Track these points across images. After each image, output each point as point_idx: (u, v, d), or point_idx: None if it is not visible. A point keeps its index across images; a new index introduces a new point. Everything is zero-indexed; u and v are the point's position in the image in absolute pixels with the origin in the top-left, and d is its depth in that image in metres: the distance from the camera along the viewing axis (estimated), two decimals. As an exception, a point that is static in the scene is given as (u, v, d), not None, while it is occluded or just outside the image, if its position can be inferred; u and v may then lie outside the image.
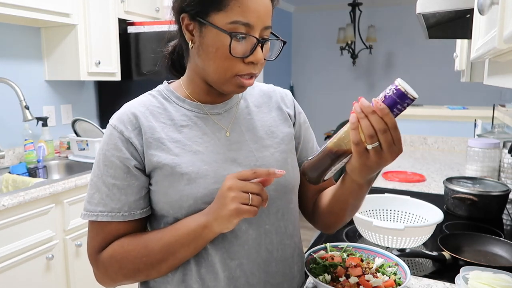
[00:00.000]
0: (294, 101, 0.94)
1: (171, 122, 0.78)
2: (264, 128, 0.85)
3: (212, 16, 0.70)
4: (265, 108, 0.88)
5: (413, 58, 5.52)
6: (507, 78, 0.67)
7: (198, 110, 0.80)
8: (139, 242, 0.75)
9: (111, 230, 0.76)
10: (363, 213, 1.27)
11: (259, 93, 0.90)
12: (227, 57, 0.70)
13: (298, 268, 0.88)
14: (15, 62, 2.24)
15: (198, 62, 0.76)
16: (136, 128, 0.75)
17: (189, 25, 0.74)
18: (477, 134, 2.29)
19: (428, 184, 1.94)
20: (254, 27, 0.70)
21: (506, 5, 0.49)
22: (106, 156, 0.75)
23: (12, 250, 1.58)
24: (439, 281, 0.98)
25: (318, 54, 6.03)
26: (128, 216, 0.75)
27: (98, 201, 0.75)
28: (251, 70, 0.73)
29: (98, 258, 0.77)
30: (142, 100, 0.80)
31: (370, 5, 5.40)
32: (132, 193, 0.75)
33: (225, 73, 0.72)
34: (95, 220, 0.75)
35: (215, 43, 0.70)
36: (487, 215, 1.43)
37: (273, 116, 0.87)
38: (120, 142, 0.74)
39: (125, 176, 0.74)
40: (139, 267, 0.74)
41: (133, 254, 0.74)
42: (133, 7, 2.59)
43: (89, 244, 0.78)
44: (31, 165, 2.15)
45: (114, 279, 0.77)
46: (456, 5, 1.14)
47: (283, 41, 0.76)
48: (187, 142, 0.76)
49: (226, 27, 0.69)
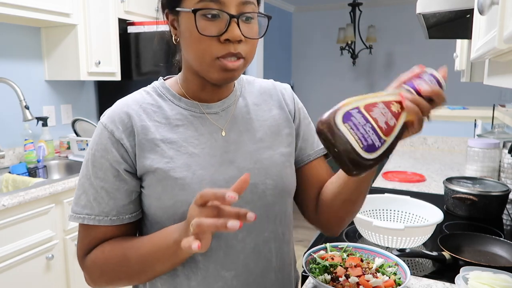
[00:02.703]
0: (294, 95, 0.89)
1: (165, 121, 0.73)
2: (264, 128, 0.80)
3: (184, 1, 0.68)
4: (265, 106, 0.83)
5: (413, 58, 5.51)
6: (507, 78, 0.67)
7: (194, 109, 0.76)
8: (118, 250, 0.71)
9: (97, 234, 0.73)
10: (363, 213, 1.27)
11: (259, 90, 0.85)
12: (199, 38, 0.66)
13: (294, 275, 0.87)
14: (15, 62, 2.24)
15: (184, 54, 0.73)
16: (127, 128, 0.71)
17: (173, 21, 0.72)
18: (477, 134, 2.29)
19: (428, 184, 1.94)
20: (226, 2, 0.65)
21: (506, 5, 0.49)
22: (95, 156, 0.71)
23: (12, 250, 1.58)
24: (439, 281, 0.98)
25: (318, 54, 6.03)
26: (116, 221, 0.72)
27: (85, 204, 0.72)
28: (230, 49, 0.66)
29: (84, 261, 0.74)
30: (136, 97, 0.76)
31: (370, 5, 5.40)
32: (121, 198, 0.71)
33: (204, 57, 0.67)
34: (81, 222, 0.72)
35: (187, 27, 0.67)
36: (487, 215, 1.43)
37: (274, 115, 0.83)
38: (110, 143, 0.70)
39: (114, 179, 0.71)
40: (119, 276, 0.72)
41: (113, 262, 0.71)
42: (133, 7, 2.59)
43: (78, 246, 0.76)
44: (31, 165, 2.15)
45: (98, 283, 0.75)
46: (456, 5, 1.14)
47: (267, 16, 0.71)
48: (182, 143, 0.72)
49: (195, 7, 0.65)
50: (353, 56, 5.33)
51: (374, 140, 0.59)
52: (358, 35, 5.21)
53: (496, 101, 3.27)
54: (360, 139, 0.58)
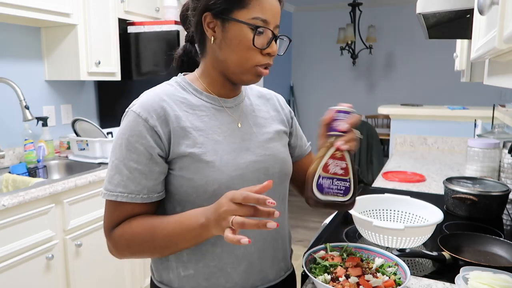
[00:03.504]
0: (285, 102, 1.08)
1: (192, 111, 0.84)
2: (266, 124, 0.95)
3: (235, 13, 0.79)
4: (264, 108, 0.98)
5: (413, 58, 5.52)
6: (507, 78, 0.67)
7: (214, 102, 0.88)
8: (145, 226, 0.80)
9: (126, 210, 0.81)
10: (363, 213, 1.27)
11: (257, 94, 1.00)
12: (248, 48, 0.80)
13: (289, 247, 1.03)
14: (15, 62, 2.24)
15: (220, 55, 0.83)
16: (160, 116, 0.80)
17: (210, 23, 0.82)
18: (477, 134, 2.29)
19: (428, 184, 1.94)
20: (270, 23, 0.81)
21: (506, 5, 0.49)
22: (130, 141, 0.79)
23: (12, 250, 1.58)
24: (439, 281, 0.98)
25: (318, 54, 6.03)
26: (146, 199, 0.81)
27: (118, 182, 0.80)
28: (267, 60, 0.83)
29: (111, 234, 0.83)
30: (164, 90, 0.85)
31: (370, 5, 5.40)
32: (152, 178, 0.80)
33: (246, 63, 0.82)
34: (114, 200, 0.80)
35: (238, 36, 0.80)
36: (487, 215, 1.43)
37: (272, 116, 0.98)
38: (144, 129, 0.79)
39: (147, 162, 0.79)
40: (144, 249, 0.81)
41: (140, 237, 0.80)
42: (133, 7, 2.59)
43: (105, 220, 0.84)
44: (31, 165, 2.15)
45: (123, 254, 0.84)
46: (456, 5, 1.14)
47: (289, 39, 0.88)
48: (209, 131, 0.84)
49: (247, 21, 0.79)
50: (353, 56, 5.33)
51: (344, 185, 0.82)
52: (358, 35, 5.21)
53: (496, 101, 3.28)
54: (337, 193, 0.84)
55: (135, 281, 2.28)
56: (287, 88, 6.15)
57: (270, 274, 0.93)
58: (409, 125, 2.87)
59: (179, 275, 0.87)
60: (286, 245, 0.99)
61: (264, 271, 0.91)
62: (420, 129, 2.84)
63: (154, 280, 0.93)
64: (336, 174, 0.82)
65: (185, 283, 0.87)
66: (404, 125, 2.89)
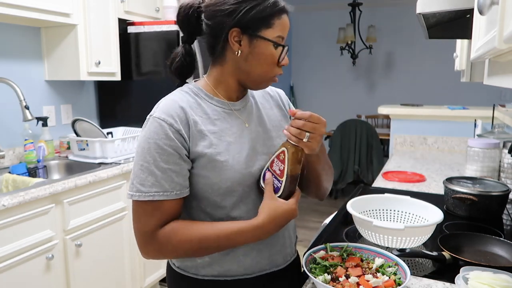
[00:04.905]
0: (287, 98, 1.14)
1: (206, 116, 0.92)
2: (270, 122, 1.03)
3: (263, 31, 0.89)
4: (267, 105, 1.06)
5: (413, 58, 5.52)
6: (507, 78, 0.67)
7: (224, 106, 0.96)
8: (193, 233, 0.87)
9: (165, 208, 0.87)
10: (363, 213, 1.27)
11: (261, 92, 1.07)
12: (273, 62, 0.91)
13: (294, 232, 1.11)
14: (15, 62, 2.24)
15: (244, 66, 0.92)
16: (183, 121, 0.88)
17: (236, 37, 0.89)
18: (477, 134, 2.29)
19: (428, 184, 1.94)
20: (284, 38, 0.93)
21: (506, 5, 0.49)
22: (158, 144, 0.86)
23: (12, 250, 1.58)
24: (439, 281, 0.98)
25: (318, 54, 6.03)
26: (180, 194, 0.88)
27: (152, 183, 0.86)
28: (281, 71, 0.95)
29: (154, 236, 0.87)
30: (180, 97, 0.93)
31: (370, 5, 5.40)
32: (182, 175, 0.88)
33: (268, 74, 0.93)
34: (151, 199, 0.85)
35: (265, 52, 0.90)
36: (487, 215, 1.43)
37: (275, 112, 1.06)
38: (171, 133, 0.86)
39: (178, 161, 0.87)
40: (188, 253, 0.90)
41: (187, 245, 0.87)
42: (133, 7, 2.59)
43: (144, 223, 0.87)
44: (31, 165, 2.15)
45: (166, 255, 0.91)
46: (456, 5, 1.14)
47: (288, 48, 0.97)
48: (221, 134, 0.92)
49: (273, 39, 0.90)
50: (353, 56, 5.33)
51: (277, 184, 0.90)
52: (358, 35, 5.21)
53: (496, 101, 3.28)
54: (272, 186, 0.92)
55: (135, 281, 2.28)
56: (287, 88, 6.15)
57: (278, 260, 1.00)
58: (409, 125, 2.87)
59: (196, 262, 0.96)
60: (293, 233, 1.08)
61: (273, 257, 0.99)
62: (420, 129, 2.84)
63: (172, 265, 1.01)
64: (275, 172, 0.90)
65: (200, 269, 0.96)
66: (404, 125, 2.89)
